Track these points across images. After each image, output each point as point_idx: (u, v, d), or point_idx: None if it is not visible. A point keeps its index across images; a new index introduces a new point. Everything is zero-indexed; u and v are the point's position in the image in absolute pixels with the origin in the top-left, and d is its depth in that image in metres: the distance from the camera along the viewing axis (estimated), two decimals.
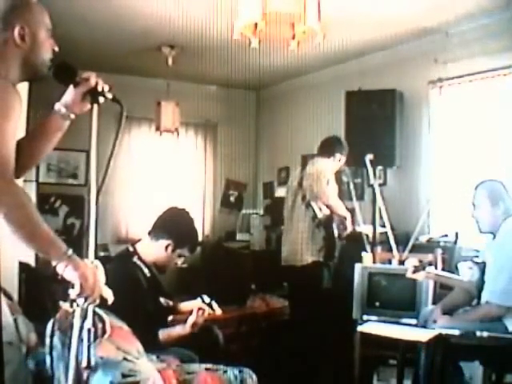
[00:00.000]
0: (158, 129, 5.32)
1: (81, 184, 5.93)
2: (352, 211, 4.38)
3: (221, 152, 6.72)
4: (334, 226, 4.23)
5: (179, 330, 2.84)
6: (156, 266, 2.97)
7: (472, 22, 4.20)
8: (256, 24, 2.46)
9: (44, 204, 5.64)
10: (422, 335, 2.91)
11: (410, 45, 4.78)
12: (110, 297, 1.66)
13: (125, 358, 2.07)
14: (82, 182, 5.95)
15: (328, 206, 4.19)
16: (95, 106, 1.68)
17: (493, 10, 3.98)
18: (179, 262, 3.02)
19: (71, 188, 5.91)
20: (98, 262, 1.61)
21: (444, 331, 2.86)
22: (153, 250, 2.92)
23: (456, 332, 2.83)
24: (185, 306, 3.12)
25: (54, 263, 1.52)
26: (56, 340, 1.95)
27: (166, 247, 2.89)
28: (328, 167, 4.26)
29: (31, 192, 5.37)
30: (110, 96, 1.70)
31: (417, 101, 4.79)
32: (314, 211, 4.18)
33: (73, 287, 1.51)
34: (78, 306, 1.54)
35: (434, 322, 3.08)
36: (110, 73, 5.68)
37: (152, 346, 2.56)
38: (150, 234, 2.96)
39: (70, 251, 1.54)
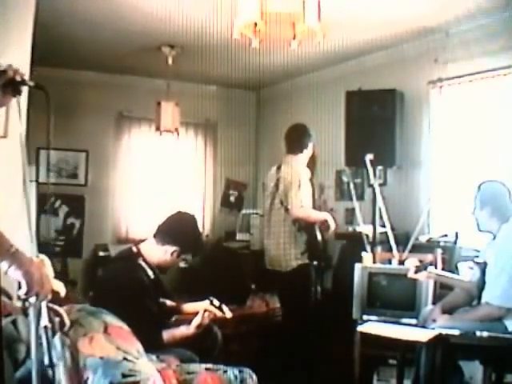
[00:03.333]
0: (157, 129, 5.31)
1: (81, 184, 5.93)
2: (352, 211, 4.35)
3: (221, 152, 6.71)
4: (316, 227, 4.08)
5: (183, 331, 2.85)
6: (159, 267, 2.97)
7: (472, 22, 4.19)
8: (256, 24, 2.46)
9: (44, 204, 5.63)
10: (422, 335, 2.91)
11: (409, 45, 4.77)
12: (62, 290, 1.60)
13: (125, 358, 2.07)
14: (82, 182, 5.95)
15: (301, 219, 4.02)
16: (18, 96, 1.60)
17: (493, 10, 3.97)
18: (181, 263, 3.05)
19: (71, 188, 5.90)
20: (44, 256, 1.54)
21: (444, 331, 2.86)
22: (158, 254, 2.93)
23: (456, 332, 2.83)
24: (190, 306, 3.12)
25: None
26: (56, 340, 1.95)
27: (172, 253, 2.91)
28: (302, 165, 4.15)
29: (31, 192, 5.35)
30: (31, 83, 1.62)
31: (417, 101, 4.79)
32: None
33: (20, 286, 1.45)
34: (30, 304, 1.47)
35: (434, 321, 3.08)
36: (110, 73, 5.72)
37: (156, 346, 2.56)
38: (155, 236, 2.96)
39: (14, 248, 1.46)
